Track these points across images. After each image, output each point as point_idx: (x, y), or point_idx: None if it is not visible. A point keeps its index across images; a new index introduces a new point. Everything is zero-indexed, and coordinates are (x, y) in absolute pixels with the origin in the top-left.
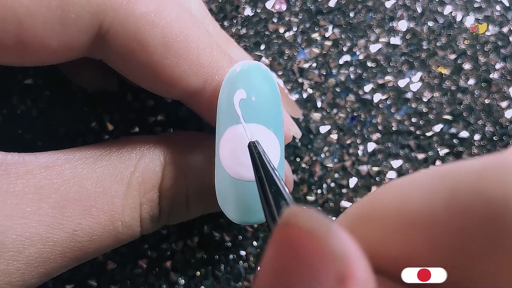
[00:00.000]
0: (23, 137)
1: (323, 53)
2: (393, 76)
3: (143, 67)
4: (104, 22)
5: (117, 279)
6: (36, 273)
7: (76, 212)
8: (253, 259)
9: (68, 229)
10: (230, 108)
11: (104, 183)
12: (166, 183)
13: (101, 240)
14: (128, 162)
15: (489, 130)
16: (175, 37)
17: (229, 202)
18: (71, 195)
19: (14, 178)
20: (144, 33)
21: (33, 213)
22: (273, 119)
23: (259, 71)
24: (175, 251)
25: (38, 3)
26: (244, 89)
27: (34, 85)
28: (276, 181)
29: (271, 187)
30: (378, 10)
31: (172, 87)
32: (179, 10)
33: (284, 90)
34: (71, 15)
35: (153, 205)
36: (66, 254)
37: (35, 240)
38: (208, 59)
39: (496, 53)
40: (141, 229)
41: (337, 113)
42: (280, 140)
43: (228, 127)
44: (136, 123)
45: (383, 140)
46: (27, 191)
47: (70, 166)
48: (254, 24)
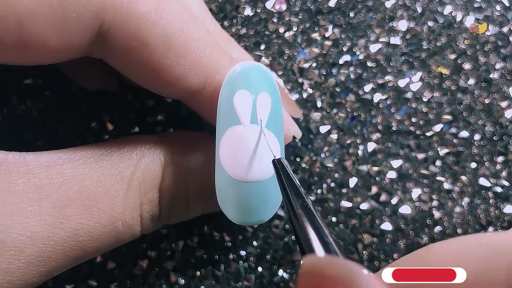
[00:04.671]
0: (23, 137)
1: (323, 53)
2: (393, 76)
3: (143, 66)
4: (105, 21)
5: (117, 279)
6: (37, 272)
7: (77, 212)
8: (253, 259)
9: (69, 228)
10: (230, 108)
11: (104, 183)
12: (166, 183)
13: (102, 240)
14: (129, 162)
15: (489, 130)
16: (176, 37)
17: (229, 202)
18: (72, 195)
19: (15, 177)
20: (144, 32)
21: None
22: (273, 120)
23: (259, 72)
24: (175, 251)
25: (39, 2)
26: (245, 90)
27: (34, 85)
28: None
29: (301, 206)
30: (378, 10)
31: (173, 86)
32: (180, 10)
33: (284, 90)
34: (72, 14)
35: (154, 205)
36: (67, 254)
37: (36, 239)
38: (208, 58)
39: (496, 53)
40: (141, 228)
41: (337, 113)
42: (280, 140)
43: (228, 127)
44: (136, 123)
45: (383, 140)
46: (28, 190)
47: (71, 165)
48: (254, 24)
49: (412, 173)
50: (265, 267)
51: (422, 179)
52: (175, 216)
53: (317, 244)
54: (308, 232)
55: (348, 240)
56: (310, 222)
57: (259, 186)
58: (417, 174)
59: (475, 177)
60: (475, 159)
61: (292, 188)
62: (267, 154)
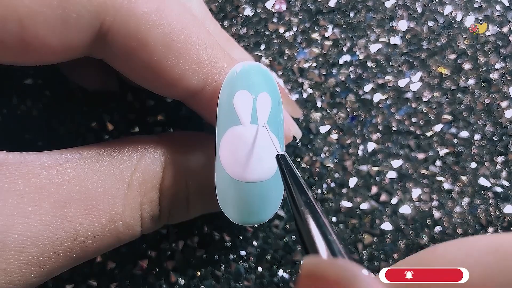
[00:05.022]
0: (23, 137)
1: (323, 53)
2: (393, 76)
3: (143, 66)
4: (105, 21)
5: (117, 279)
6: (37, 272)
7: (77, 212)
8: (253, 259)
9: (69, 228)
10: (231, 109)
11: (105, 183)
12: (166, 183)
13: (102, 240)
14: (129, 162)
15: (489, 130)
16: (176, 37)
17: (229, 202)
18: (72, 195)
19: (15, 178)
20: (144, 32)
21: (34, 212)
22: (273, 120)
23: (259, 72)
24: (175, 251)
25: (39, 2)
26: (245, 90)
27: (34, 85)
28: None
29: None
30: (378, 10)
31: (173, 86)
32: (180, 10)
33: (284, 90)
34: (72, 14)
35: (154, 205)
36: (67, 254)
37: (36, 239)
38: (208, 58)
39: (496, 53)
40: (141, 229)
41: (337, 113)
42: (280, 140)
43: (228, 128)
44: (136, 123)
45: (383, 140)
46: (28, 191)
47: (71, 165)
48: (254, 24)
49: (412, 173)
50: (265, 267)
51: (422, 179)
52: (175, 216)
53: (320, 242)
54: (311, 230)
55: (348, 240)
56: (314, 220)
57: (259, 186)
58: (417, 174)
59: (475, 177)
60: (475, 159)
61: (296, 184)
62: (267, 154)
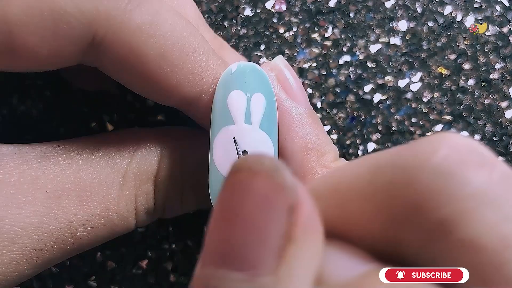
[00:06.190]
0: (23, 137)
1: (323, 53)
2: (393, 76)
3: (138, 76)
4: (97, 32)
5: (117, 279)
6: (30, 264)
7: (71, 203)
8: None
9: (63, 219)
10: (225, 108)
11: (100, 174)
12: (161, 176)
13: (96, 232)
14: (125, 153)
15: (489, 130)
16: (171, 47)
17: None
18: (67, 185)
19: (10, 169)
20: (139, 44)
21: (28, 203)
22: (267, 120)
23: (255, 72)
24: (175, 251)
25: (29, 13)
26: (239, 90)
27: (34, 85)
28: None
29: None
30: (378, 10)
31: (168, 96)
32: (175, 19)
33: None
34: (63, 25)
35: (148, 197)
36: (61, 245)
37: (29, 230)
38: (204, 68)
39: (496, 53)
40: (136, 221)
41: (337, 113)
42: (274, 141)
43: (222, 127)
44: (136, 123)
45: (383, 140)
46: (23, 181)
47: (66, 156)
48: (254, 24)
49: None
50: None
51: None
52: (169, 209)
53: None
54: None
55: None
56: None
57: None
58: None
59: None
60: None
61: None
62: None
